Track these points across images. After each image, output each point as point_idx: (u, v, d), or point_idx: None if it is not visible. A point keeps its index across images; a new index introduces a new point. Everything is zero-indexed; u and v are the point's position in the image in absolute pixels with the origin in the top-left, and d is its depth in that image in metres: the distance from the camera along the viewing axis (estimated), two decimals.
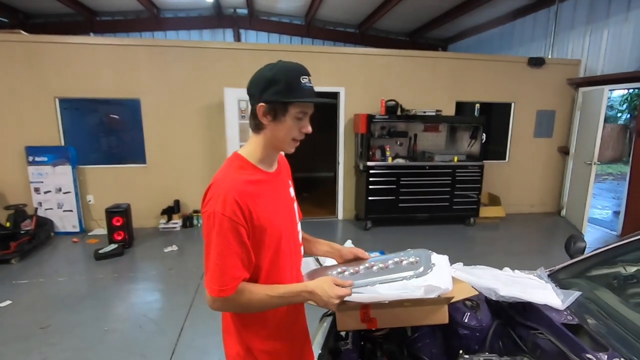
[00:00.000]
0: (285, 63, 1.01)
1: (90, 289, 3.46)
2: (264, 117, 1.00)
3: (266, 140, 1.04)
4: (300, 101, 1.00)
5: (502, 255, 4.38)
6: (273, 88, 0.97)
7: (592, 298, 1.66)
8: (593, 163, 4.97)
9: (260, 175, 1.05)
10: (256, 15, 8.77)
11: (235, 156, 1.06)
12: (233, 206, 0.93)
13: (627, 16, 4.98)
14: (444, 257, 1.87)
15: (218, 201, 0.93)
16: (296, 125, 1.03)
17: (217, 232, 0.93)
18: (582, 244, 2.04)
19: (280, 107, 0.99)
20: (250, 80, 1.02)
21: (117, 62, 4.79)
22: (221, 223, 0.92)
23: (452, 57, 5.81)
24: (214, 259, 0.94)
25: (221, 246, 0.94)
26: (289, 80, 0.98)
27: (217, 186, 0.96)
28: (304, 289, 1.03)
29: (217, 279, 0.94)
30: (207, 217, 0.94)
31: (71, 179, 4.75)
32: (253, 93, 1.01)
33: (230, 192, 0.94)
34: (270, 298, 0.99)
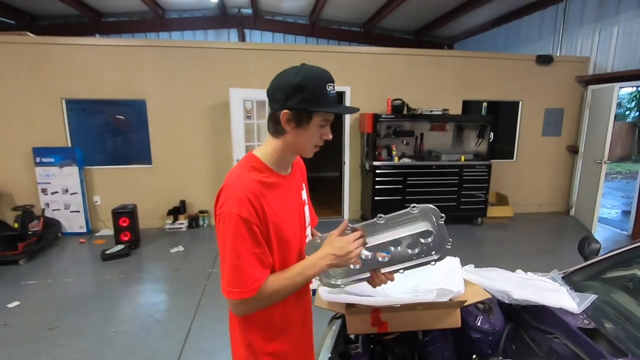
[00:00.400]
0: (311, 68, 0.98)
1: (98, 290, 3.47)
2: (287, 124, 0.97)
3: (286, 145, 1.02)
4: (327, 111, 0.98)
5: (511, 256, 4.32)
6: (299, 95, 0.94)
7: (608, 301, 1.62)
8: (603, 162, 4.89)
9: (275, 178, 1.03)
10: (260, 15, 8.76)
11: (250, 156, 1.04)
12: (248, 206, 0.91)
13: (637, 12, 4.89)
14: (456, 259, 1.84)
15: (233, 202, 0.91)
16: (318, 133, 1.01)
17: (234, 233, 0.91)
18: (597, 245, 1.99)
19: (305, 115, 0.97)
20: (273, 84, 0.99)
21: (123, 63, 4.80)
22: (237, 224, 0.91)
23: (459, 56, 5.75)
24: (232, 261, 0.92)
25: (239, 247, 0.92)
26: (316, 88, 0.95)
27: (231, 186, 0.95)
28: (317, 257, 1.00)
29: (237, 281, 0.92)
30: (223, 218, 0.92)
31: (78, 180, 4.77)
32: (277, 98, 0.98)
33: (244, 191, 0.92)
34: (289, 281, 0.98)
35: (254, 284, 0.92)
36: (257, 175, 0.99)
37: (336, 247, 0.99)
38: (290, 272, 0.99)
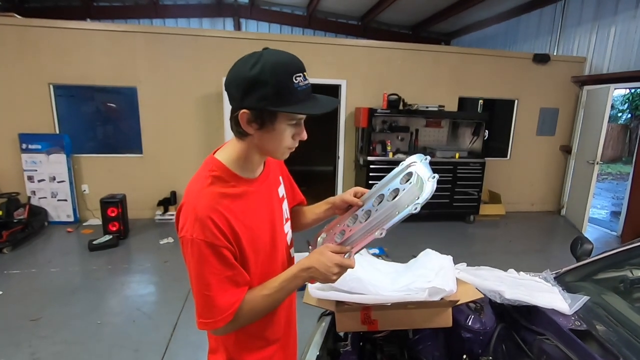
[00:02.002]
0: (273, 56, 0.81)
1: (84, 280, 3.40)
2: (248, 125, 0.83)
3: (252, 148, 0.89)
4: (292, 112, 0.83)
5: (502, 254, 4.34)
6: (258, 92, 0.78)
7: (600, 303, 1.61)
8: (596, 162, 4.92)
9: (243, 186, 0.90)
10: (257, 4, 8.61)
11: (212, 162, 0.90)
12: (211, 228, 0.80)
13: (635, 13, 4.88)
14: (448, 257, 1.81)
15: (194, 224, 0.79)
16: (289, 133, 0.86)
17: (199, 260, 0.80)
18: (589, 246, 1.98)
19: (268, 115, 0.82)
20: (228, 76, 0.83)
21: (114, 48, 4.67)
22: (201, 249, 0.80)
23: (456, 52, 5.71)
24: (201, 290, 0.82)
25: (207, 274, 0.81)
26: (279, 82, 0.79)
27: (190, 206, 0.82)
28: (299, 268, 0.90)
29: (208, 312, 0.83)
30: (185, 243, 0.81)
31: (66, 168, 4.66)
32: (232, 95, 0.83)
33: (205, 210, 0.80)
34: (270, 297, 0.89)
35: (228, 310, 0.83)
36: (221, 187, 0.86)
37: (320, 263, 0.88)
38: (269, 288, 0.89)
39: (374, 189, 1.05)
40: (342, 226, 1.04)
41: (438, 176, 0.95)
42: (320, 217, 1.20)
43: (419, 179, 0.97)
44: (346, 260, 0.90)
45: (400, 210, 0.93)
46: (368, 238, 0.94)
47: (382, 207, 0.97)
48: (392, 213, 0.94)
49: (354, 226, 1.00)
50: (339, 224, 1.07)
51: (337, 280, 0.91)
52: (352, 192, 1.07)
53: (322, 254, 0.89)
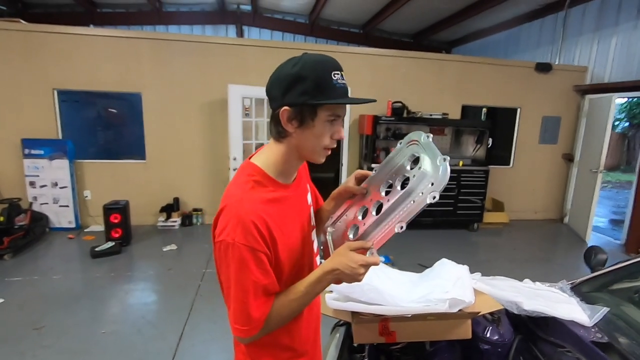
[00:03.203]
0: (312, 56, 0.85)
1: (87, 288, 3.35)
2: (289, 123, 0.84)
3: (290, 149, 0.89)
4: (334, 103, 0.84)
5: (507, 263, 4.32)
6: (299, 87, 0.81)
7: (618, 314, 1.59)
8: (599, 171, 4.93)
9: (281, 192, 0.91)
10: (260, 12, 8.66)
11: (250, 167, 0.90)
12: (254, 233, 0.80)
13: (636, 24, 4.94)
14: (464, 267, 1.80)
15: (236, 229, 0.79)
16: (327, 131, 0.87)
17: (239, 265, 0.80)
18: (604, 256, 1.97)
19: (309, 111, 0.83)
20: (270, 79, 0.87)
21: (119, 54, 4.67)
22: (242, 254, 0.80)
23: (459, 60, 5.75)
24: (239, 296, 0.82)
25: (246, 280, 0.81)
26: (318, 77, 0.82)
27: (233, 210, 0.82)
28: (323, 271, 0.88)
29: (245, 319, 0.83)
30: (225, 247, 0.81)
31: (68, 174, 4.62)
32: (274, 95, 0.85)
33: (249, 215, 0.80)
34: (295, 302, 0.88)
35: (260, 319, 0.84)
36: (262, 192, 0.86)
37: (344, 265, 0.85)
38: (295, 292, 0.88)
39: (376, 173, 1.01)
40: (353, 219, 1.01)
41: (449, 157, 0.88)
42: (330, 214, 1.17)
43: (428, 162, 0.89)
44: (371, 258, 0.87)
45: (416, 199, 0.87)
46: (388, 233, 0.90)
47: (394, 197, 0.91)
48: (407, 204, 0.89)
49: (366, 219, 0.96)
50: (345, 215, 1.04)
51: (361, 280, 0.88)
52: (354, 179, 1.05)
53: (345, 255, 0.87)
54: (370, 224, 0.94)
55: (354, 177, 1.05)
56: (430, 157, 0.90)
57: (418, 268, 3.75)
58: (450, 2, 6.66)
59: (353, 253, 0.87)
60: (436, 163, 0.88)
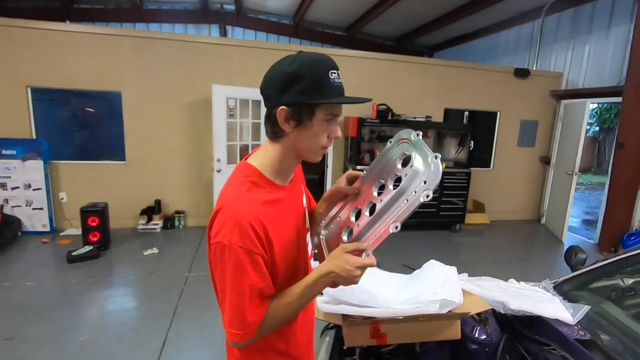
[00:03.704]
0: (309, 54, 0.83)
1: (63, 295, 3.20)
2: (286, 122, 0.83)
3: (287, 149, 0.88)
4: (333, 103, 0.83)
5: (490, 263, 4.42)
6: (296, 86, 0.80)
7: (599, 312, 1.65)
8: (574, 173, 5.12)
9: (278, 193, 0.89)
10: (244, 12, 8.58)
11: (246, 167, 0.89)
12: (251, 235, 0.78)
13: (608, 32, 5.18)
14: (452, 268, 1.82)
15: (233, 230, 0.77)
16: (325, 131, 0.86)
17: (235, 268, 0.78)
18: (583, 256, 2.03)
19: (306, 110, 0.82)
20: (265, 77, 0.85)
21: (98, 52, 4.52)
22: (239, 257, 0.78)
23: (442, 64, 5.86)
24: (234, 300, 0.80)
25: (242, 284, 0.79)
26: (316, 76, 0.80)
27: (230, 211, 0.80)
28: (319, 274, 0.86)
29: (240, 324, 0.81)
30: (221, 249, 0.78)
31: (42, 175, 4.43)
32: (270, 94, 0.83)
33: (246, 216, 0.79)
34: (290, 305, 0.86)
35: (255, 323, 0.82)
36: (258, 193, 0.85)
37: (340, 267, 0.84)
38: (290, 295, 0.87)
39: (367, 173, 1.01)
40: (346, 220, 1.00)
41: (440, 155, 0.87)
42: (322, 216, 1.16)
43: (420, 160, 0.89)
44: (367, 260, 0.86)
45: (409, 198, 0.86)
46: (383, 234, 0.89)
47: (387, 197, 0.91)
48: (400, 203, 0.87)
49: (360, 221, 0.96)
50: (338, 217, 1.03)
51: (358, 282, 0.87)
52: (345, 179, 1.04)
53: (340, 258, 0.85)
54: (364, 225, 0.94)
55: (345, 178, 1.04)
56: (421, 155, 0.89)
57: (404, 269, 3.79)
58: (432, 7, 6.80)
59: (349, 255, 0.85)
60: (428, 161, 0.87)
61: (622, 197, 4.70)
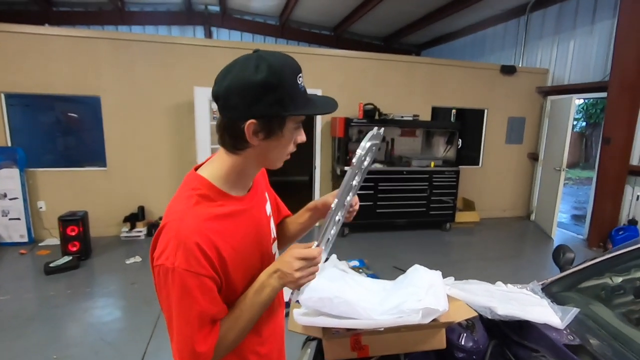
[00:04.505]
0: (275, 58, 0.74)
1: (39, 308, 3.07)
2: (254, 136, 0.75)
3: (249, 160, 0.80)
4: (312, 114, 0.78)
5: (480, 261, 4.39)
6: (269, 98, 0.72)
7: (588, 314, 1.59)
8: (562, 169, 5.12)
9: (233, 205, 0.81)
10: (229, 13, 8.47)
11: (195, 180, 0.80)
12: (197, 256, 0.70)
13: (592, 29, 5.19)
14: (437, 272, 1.74)
15: (177, 251, 0.69)
16: (293, 138, 0.81)
17: (181, 294, 0.70)
18: (571, 255, 1.99)
19: (277, 122, 0.75)
20: (223, 83, 0.73)
21: (74, 55, 4.38)
22: (184, 281, 0.69)
23: (428, 63, 5.83)
24: (182, 329, 0.72)
25: (188, 311, 0.71)
26: (288, 86, 0.73)
27: (173, 229, 0.71)
28: (266, 275, 0.80)
29: (190, 355, 0.72)
30: (164, 273, 0.70)
31: (19, 184, 4.27)
32: (234, 104, 0.73)
33: (192, 235, 0.70)
34: (242, 318, 0.78)
35: (209, 350, 0.74)
36: (208, 207, 0.76)
37: (283, 262, 0.78)
38: (240, 309, 0.79)
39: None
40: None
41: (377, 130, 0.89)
42: (305, 227, 1.12)
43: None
44: (308, 250, 0.80)
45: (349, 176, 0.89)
46: (331, 222, 0.89)
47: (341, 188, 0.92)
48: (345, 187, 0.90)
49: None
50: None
51: (305, 280, 0.79)
52: (334, 193, 0.99)
53: (286, 253, 0.81)
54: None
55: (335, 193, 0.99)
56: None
57: (393, 271, 3.73)
58: (418, 6, 6.77)
59: (293, 249, 0.80)
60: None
61: (609, 193, 4.70)
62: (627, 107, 4.43)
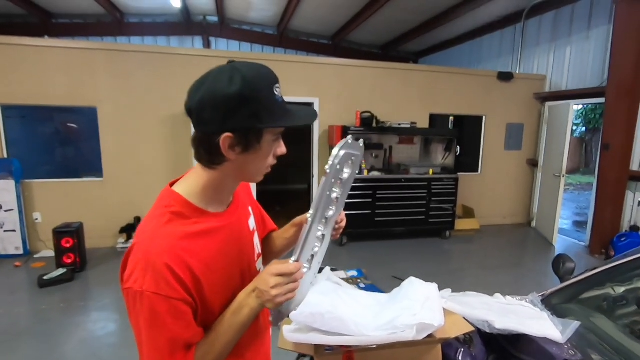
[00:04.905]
0: (250, 69, 0.71)
1: (30, 323, 3.01)
2: (231, 150, 0.72)
3: (226, 175, 0.77)
4: (291, 125, 0.74)
5: (480, 270, 4.32)
6: (244, 111, 0.69)
7: (589, 327, 1.54)
8: (562, 175, 5.08)
9: (210, 222, 0.77)
10: (227, 23, 8.53)
11: (168, 196, 0.76)
12: (168, 278, 0.66)
13: (588, 34, 5.20)
14: (433, 285, 1.69)
15: (145, 274, 0.66)
16: (272, 150, 0.78)
17: (151, 319, 0.66)
18: (572, 265, 1.94)
19: (255, 135, 0.72)
20: (195, 96, 0.70)
21: (70, 66, 4.39)
22: (153, 305, 0.66)
23: (426, 70, 5.84)
24: (152, 355, 0.68)
25: (158, 337, 0.67)
26: (264, 97, 0.70)
27: (142, 250, 0.68)
28: (244, 294, 0.76)
29: None
30: (132, 297, 0.67)
31: (14, 195, 4.24)
32: (207, 118, 0.70)
33: (161, 256, 0.67)
34: (218, 342, 0.74)
35: None
36: (182, 225, 0.72)
37: (260, 279, 0.74)
38: (217, 332, 0.75)
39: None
40: None
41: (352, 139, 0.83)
42: (292, 242, 1.07)
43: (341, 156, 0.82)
44: (284, 266, 0.75)
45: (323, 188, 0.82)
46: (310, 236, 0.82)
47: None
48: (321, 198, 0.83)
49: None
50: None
51: (282, 298, 0.73)
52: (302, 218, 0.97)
53: (267, 268, 0.76)
54: None
55: None
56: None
57: (392, 281, 3.67)
58: (414, 14, 6.82)
59: (270, 266, 0.76)
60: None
61: (610, 199, 4.66)
62: (625, 112, 4.41)
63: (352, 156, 0.83)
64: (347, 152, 0.81)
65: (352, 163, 0.84)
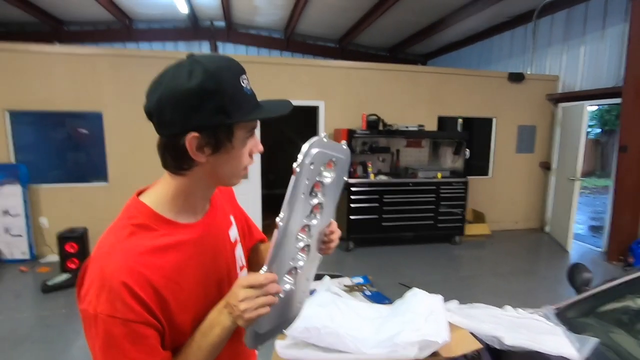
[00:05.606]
0: (210, 60, 0.64)
1: (31, 329, 2.99)
2: (199, 151, 0.65)
3: (198, 181, 0.70)
4: (261, 118, 0.68)
5: (491, 277, 4.17)
6: (207, 106, 0.62)
7: (609, 344, 1.42)
8: (576, 178, 4.90)
9: (179, 234, 0.69)
10: (234, 28, 8.56)
11: (134, 207, 0.70)
12: (124, 298, 0.59)
13: (603, 33, 5.03)
14: (438, 297, 1.59)
15: (99, 295, 0.59)
16: (247, 149, 0.71)
17: (106, 344, 0.59)
18: (588, 275, 1.81)
19: (225, 132, 0.65)
20: (153, 96, 0.64)
21: (77, 72, 4.42)
22: (108, 329, 0.59)
23: (433, 72, 5.73)
24: None
25: None
26: (229, 88, 0.63)
27: (97, 267, 0.61)
28: (216, 312, 0.68)
29: None
30: (87, 319, 0.61)
31: (21, 200, 4.27)
32: (168, 119, 0.63)
33: (117, 274, 0.59)
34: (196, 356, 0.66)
35: None
36: (146, 238, 0.65)
37: (231, 293, 0.66)
38: (184, 356, 0.67)
39: None
40: None
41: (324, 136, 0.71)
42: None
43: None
44: (253, 276, 0.65)
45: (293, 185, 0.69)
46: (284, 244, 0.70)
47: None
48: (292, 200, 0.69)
49: None
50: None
51: (252, 313, 0.63)
52: None
53: (236, 284, 0.67)
54: None
55: None
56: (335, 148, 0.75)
57: (399, 288, 3.56)
58: (422, 15, 6.71)
59: (242, 278, 0.67)
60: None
61: (628, 203, 4.46)
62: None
63: (332, 157, 0.73)
64: (322, 152, 0.70)
65: (335, 166, 0.74)
